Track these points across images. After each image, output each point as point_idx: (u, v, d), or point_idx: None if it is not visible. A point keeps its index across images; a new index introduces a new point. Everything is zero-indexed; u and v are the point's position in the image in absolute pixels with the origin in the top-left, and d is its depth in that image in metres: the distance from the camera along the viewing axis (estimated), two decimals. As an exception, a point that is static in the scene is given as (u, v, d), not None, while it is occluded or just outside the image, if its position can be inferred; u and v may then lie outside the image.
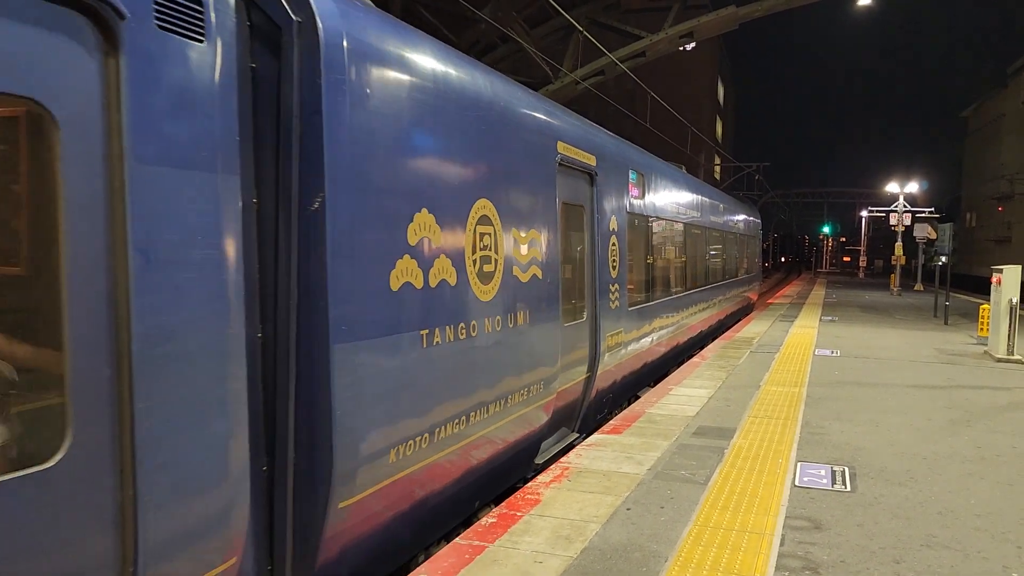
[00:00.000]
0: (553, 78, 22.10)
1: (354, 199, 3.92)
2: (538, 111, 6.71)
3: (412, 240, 4.43)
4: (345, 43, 3.83)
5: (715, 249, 17.56)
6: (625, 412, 8.23)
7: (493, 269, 5.49)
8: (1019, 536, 4.86)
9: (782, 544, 4.62)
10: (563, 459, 6.34)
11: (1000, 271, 13.16)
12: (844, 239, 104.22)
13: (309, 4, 3.67)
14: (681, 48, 24.03)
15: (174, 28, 2.92)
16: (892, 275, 34.48)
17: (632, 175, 9.84)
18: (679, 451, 6.65)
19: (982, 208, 54.11)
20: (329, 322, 3.71)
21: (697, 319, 14.84)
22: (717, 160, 65.05)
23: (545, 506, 5.17)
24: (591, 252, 8.08)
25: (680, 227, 13.25)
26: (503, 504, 5.22)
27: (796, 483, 5.83)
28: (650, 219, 10.94)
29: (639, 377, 10.59)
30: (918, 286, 35.86)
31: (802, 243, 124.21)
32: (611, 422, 7.75)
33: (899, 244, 34.54)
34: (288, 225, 3.64)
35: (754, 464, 6.28)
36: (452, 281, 4.88)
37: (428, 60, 4.75)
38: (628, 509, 5.16)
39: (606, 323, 8.42)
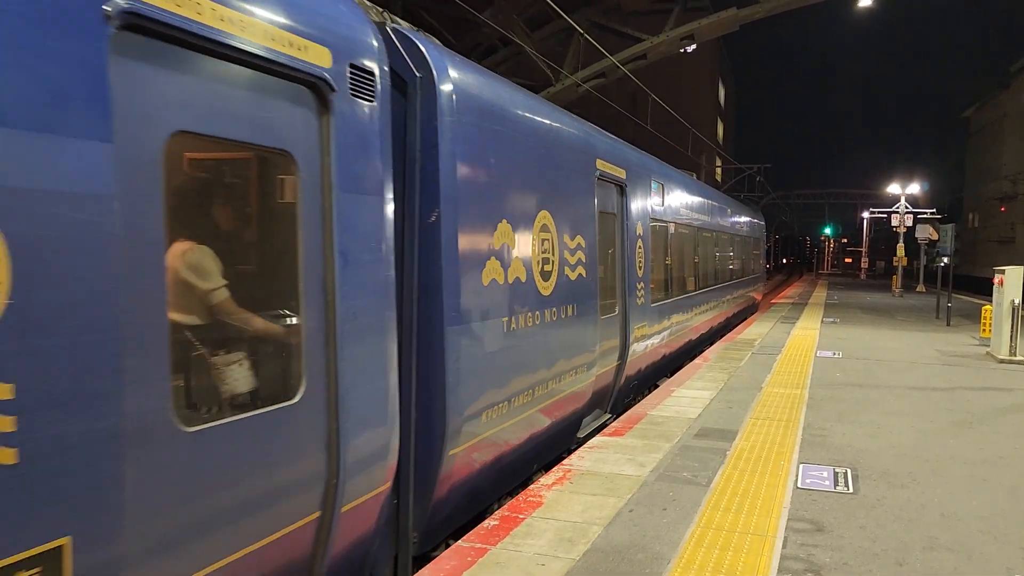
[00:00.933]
0: (554, 81, 22.13)
1: (459, 213, 5.05)
2: (581, 134, 7.94)
3: (496, 245, 5.61)
4: (453, 93, 5.00)
5: (724, 251, 18.97)
6: (627, 414, 8.24)
7: (551, 269, 6.68)
8: (1022, 538, 4.86)
9: (784, 546, 4.63)
10: (565, 461, 6.35)
11: (1002, 272, 13.16)
12: (846, 240, 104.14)
13: (428, 62, 4.84)
14: (682, 50, 24.04)
15: (359, 94, 3.98)
16: (894, 276, 34.46)
17: (654, 184, 11.14)
18: (681, 453, 6.65)
19: (984, 209, 54.09)
20: (443, 310, 4.88)
21: (709, 315, 16.08)
22: (718, 162, 65.06)
23: (548, 508, 5.17)
24: (621, 254, 9.34)
25: (694, 231, 14.57)
26: (505, 507, 5.23)
27: (798, 485, 5.84)
28: (669, 224, 12.19)
29: (659, 367, 11.68)
30: (920, 287, 35.82)
31: (803, 244, 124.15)
32: (613, 424, 7.76)
33: (901, 245, 34.53)
34: (412, 234, 4.79)
35: (756, 466, 6.28)
36: (523, 279, 6.07)
37: (508, 99, 6.03)
38: (630, 511, 5.16)
39: (634, 317, 9.64)
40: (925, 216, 34.35)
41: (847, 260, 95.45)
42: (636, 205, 9.91)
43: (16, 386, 2.29)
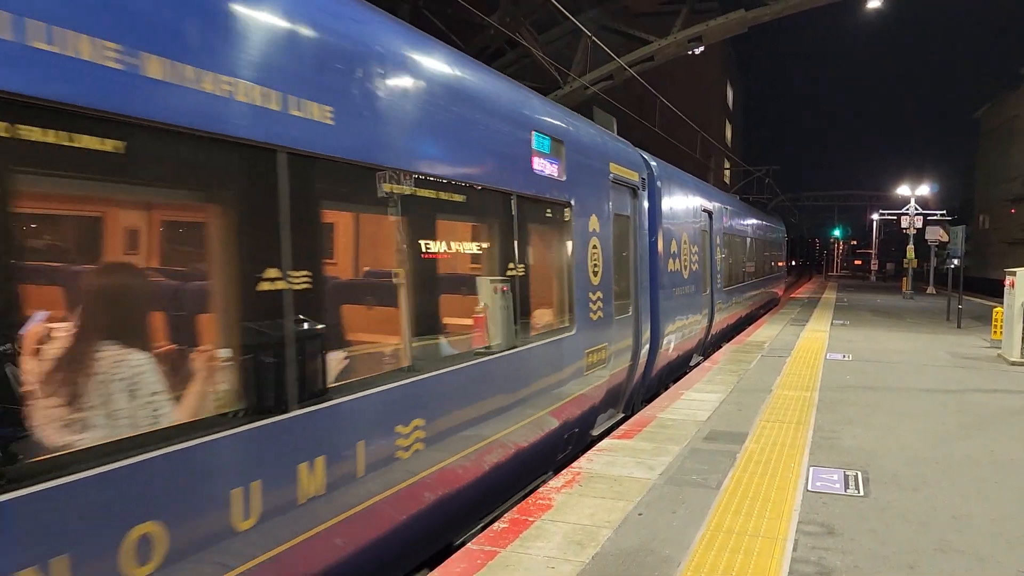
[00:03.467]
0: (562, 83, 22.13)
1: (662, 235, 10.86)
2: (702, 189, 15.31)
3: (673, 251, 11.46)
4: (659, 180, 10.76)
5: (761, 253, 24.99)
6: (636, 417, 8.23)
7: (687, 265, 12.54)
8: (1034, 541, 4.82)
9: (795, 549, 4.61)
10: (574, 464, 6.35)
11: (1014, 274, 13.07)
12: (855, 242, 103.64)
13: (650, 166, 10.57)
14: (690, 52, 24.00)
15: (641, 188, 9.87)
16: (904, 278, 34.29)
17: (726, 209, 17.60)
18: (691, 455, 6.64)
19: (996, 210, 53.71)
20: (657, 282, 10.52)
21: (753, 299, 22.55)
22: (727, 164, 64.87)
23: (557, 511, 5.17)
24: (710, 256, 15.26)
25: (744, 239, 20.86)
26: (515, 509, 5.23)
27: (809, 488, 5.82)
28: (728, 235, 17.91)
29: (726, 329, 17.75)
30: (930, 289, 35.63)
31: (812, 246, 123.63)
32: (622, 427, 7.76)
33: (911, 247, 34.35)
34: (642, 248, 9.98)
35: (766, 468, 6.27)
36: (679, 269, 11.88)
37: (677, 177, 12.41)
38: (640, 514, 5.16)
39: (716, 295, 15.75)
40: (935, 218, 34.16)
41: (857, 262, 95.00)
42: (717, 225, 16.07)
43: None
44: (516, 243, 6.07)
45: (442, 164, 4.96)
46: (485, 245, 5.95)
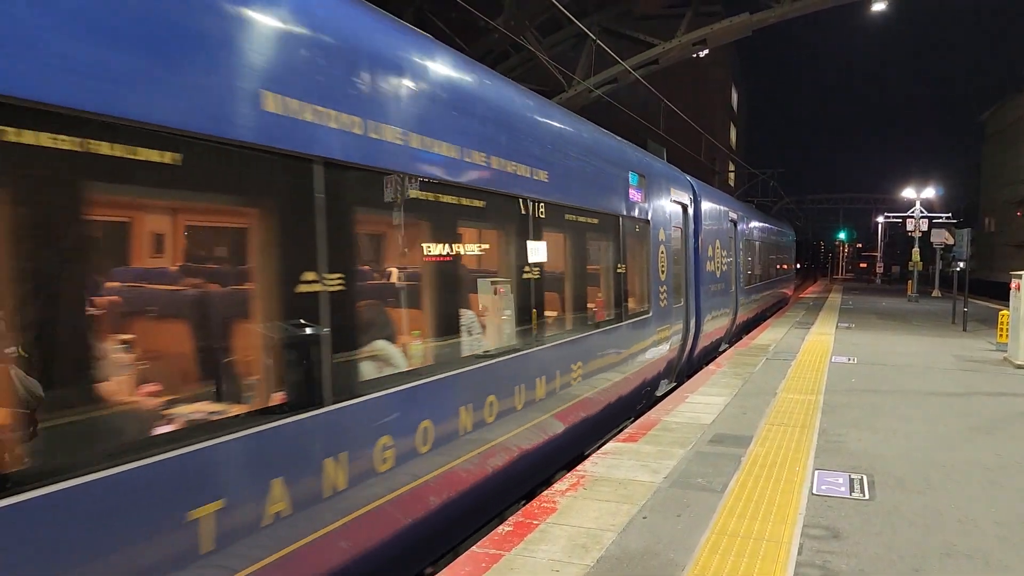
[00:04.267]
0: (566, 87, 22.15)
1: (702, 242, 13.70)
2: (729, 203, 18.02)
3: (709, 254, 14.41)
4: (700, 198, 13.68)
5: (773, 256, 27.97)
6: (641, 420, 8.22)
7: (717, 267, 15.24)
8: (1041, 545, 4.80)
9: (800, 553, 4.60)
10: (579, 468, 6.35)
11: (1020, 276, 13.03)
12: (860, 245, 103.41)
13: (694, 187, 13.46)
14: (694, 55, 24.00)
15: (689, 206, 12.88)
16: (909, 281, 34.19)
17: (746, 220, 20.61)
18: (695, 459, 6.63)
19: (1001, 213, 53.51)
20: (699, 279, 13.43)
21: (767, 297, 25.33)
22: (731, 166, 64.81)
23: (561, 514, 5.17)
24: (735, 260, 17.99)
25: (760, 244, 23.65)
26: (519, 512, 5.23)
27: (814, 491, 5.80)
28: (748, 241, 20.80)
29: (749, 320, 20.60)
30: (936, 292, 35.52)
31: (817, 249, 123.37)
32: (627, 430, 7.75)
33: (916, 250, 34.24)
34: (690, 252, 12.91)
35: (771, 472, 6.25)
36: (712, 270, 14.68)
37: (715, 196, 16.27)
38: (644, 517, 5.15)
39: (740, 292, 18.55)
40: (940, 220, 34.07)
41: (862, 265, 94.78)
42: (740, 232, 18.85)
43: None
44: (622, 250, 9.00)
45: (591, 200, 8.03)
46: (608, 253, 8.78)
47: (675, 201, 11.74)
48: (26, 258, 2.62)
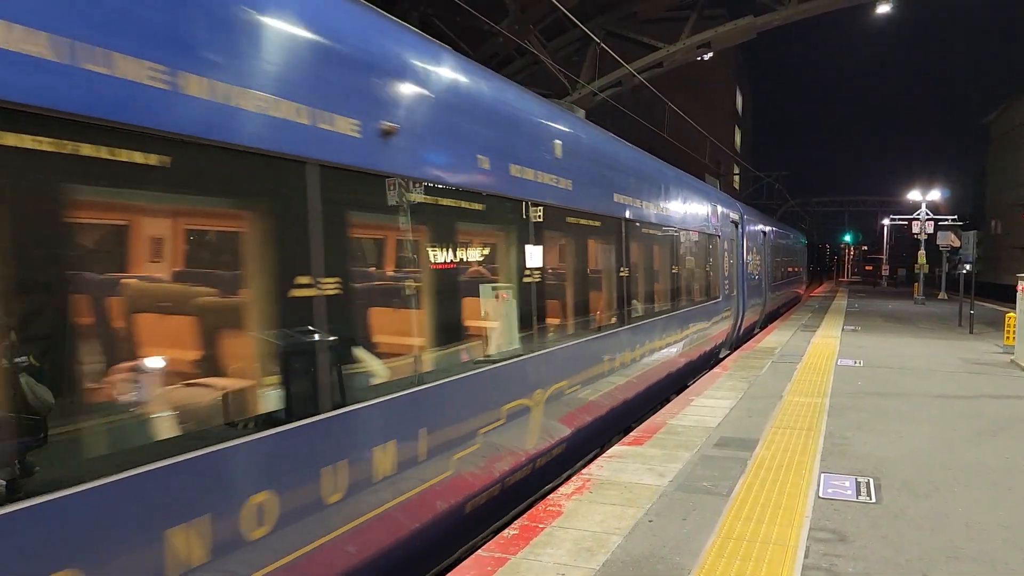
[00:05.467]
0: (570, 90, 22.16)
1: (745, 249, 18.77)
2: (762, 219, 24.68)
3: (749, 258, 19.32)
4: (745, 216, 19.10)
5: (789, 259, 33.01)
6: (646, 423, 8.21)
7: (758, 269, 21.08)
8: (1048, 548, 4.79)
9: (806, 556, 4.59)
10: (584, 471, 6.34)
11: (1026, 279, 12.98)
12: (866, 248, 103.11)
13: (742, 210, 18.98)
14: (698, 58, 23.99)
15: (738, 224, 17.79)
16: (915, 283, 34.10)
17: (773, 231, 25.74)
18: (701, 462, 6.63)
19: (1007, 215, 53.29)
20: (743, 278, 18.12)
21: (785, 292, 30.29)
22: (736, 169, 64.70)
23: (567, 518, 5.17)
24: (764, 262, 22.51)
25: (777, 248, 27.92)
26: (525, 516, 5.23)
27: (820, 494, 5.79)
28: (773, 247, 25.54)
29: (772, 312, 25.48)
30: (942, 295, 35.40)
31: (823, 252, 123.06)
32: (632, 433, 7.74)
33: (922, 252, 34.15)
34: (739, 256, 17.88)
35: (777, 475, 6.24)
36: (752, 271, 19.91)
37: (757, 217, 23.12)
38: (650, 521, 5.15)
39: (768, 289, 23.66)
40: (947, 223, 33.96)
41: (867, 268, 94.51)
42: (768, 241, 23.81)
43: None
44: (707, 255, 13.94)
45: (698, 225, 13.13)
46: (700, 257, 13.38)
47: (731, 220, 16.97)
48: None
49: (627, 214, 8.94)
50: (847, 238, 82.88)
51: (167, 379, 3.41)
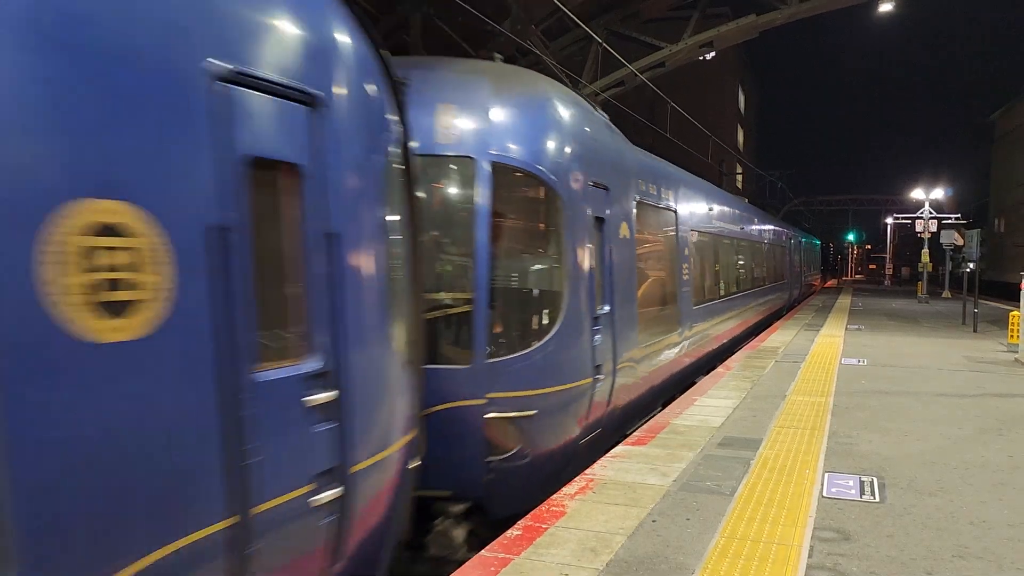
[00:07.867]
0: (573, 90, 22.16)
1: (792, 251, 32.70)
2: (789, 229, 34.21)
3: (791, 258, 32.24)
4: (794, 233, 35.76)
5: (807, 257, 39.82)
6: (649, 423, 8.20)
7: (796, 263, 33.17)
8: (1054, 547, 4.77)
9: (810, 556, 4.58)
10: (587, 471, 6.34)
11: (1030, 277, 12.95)
12: (870, 247, 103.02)
13: (793, 231, 34.89)
14: (701, 57, 23.97)
15: (793, 240, 33.78)
16: (919, 282, 34.05)
17: (801, 238, 36.92)
18: (704, 462, 6.62)
19: (1011, 213, 53.16)
20: (791, 269, 32.41)
21: (807, 284, 39.32)
22: (739, 168, 64.66)
23: (570, 518, 5.16)
24: (790, 261, 30.62)
25: (803, 251, 36.40)
26: (528, 516, 5.23)
27: (824, 494, 5.78)
28: (799, 250, 33.40)
29: (795, 299, 32.05)
30: (946, 293, 35.35)
31: (827, 251, 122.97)
32: (635, 433, 7.73)
33: (926, 251, 34.08)
34: (788, 255, 32.12)
35: (781, 475, 6.23)
36: (796, 266, 34.17)
37: (795, 229, 37.22)
38: (654, 521, 5.14)
39: (798, 279, 34.08)
40: (950, 221, 33.90)
41: (872, 266, 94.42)
42: (797, 245, 32.96)
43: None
44: (787, 258, 28.25)
45: (776, 240, 26.32)
46: (783, 256, 27.25)
47: (789, 236, 28.17)
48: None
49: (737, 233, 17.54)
50: (851, 237, 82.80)
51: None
